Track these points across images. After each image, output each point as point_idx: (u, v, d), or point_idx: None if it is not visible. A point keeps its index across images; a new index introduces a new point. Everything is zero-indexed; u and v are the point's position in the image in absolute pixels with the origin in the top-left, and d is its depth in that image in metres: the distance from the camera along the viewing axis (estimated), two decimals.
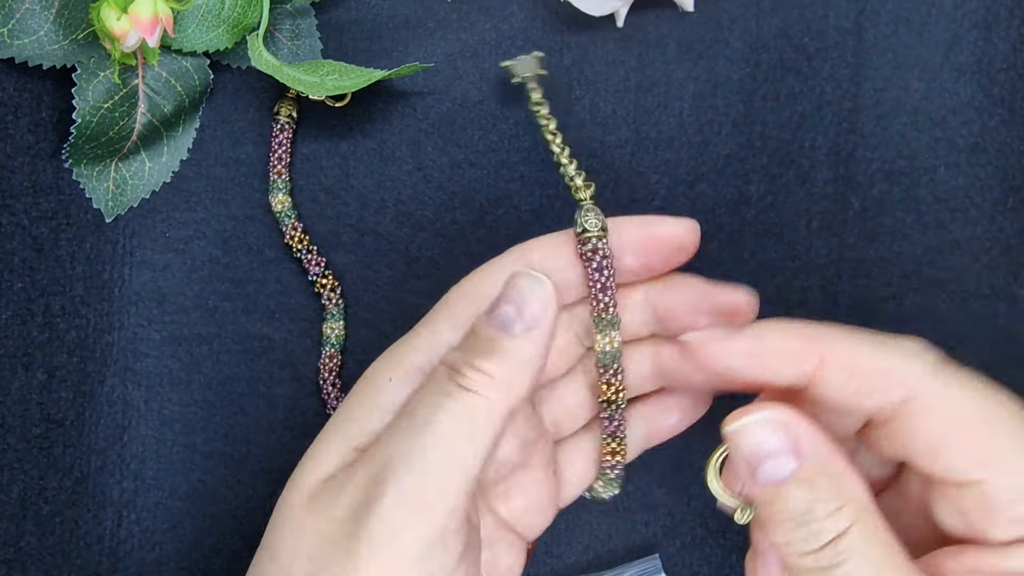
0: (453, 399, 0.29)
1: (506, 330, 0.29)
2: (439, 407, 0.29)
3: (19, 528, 0.40)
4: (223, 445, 0.41)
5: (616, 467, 0.35)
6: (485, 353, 0.29)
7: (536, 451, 0.34)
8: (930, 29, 0.41)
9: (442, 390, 0.29)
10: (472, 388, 0.29)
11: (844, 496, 0.27)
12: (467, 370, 0.29)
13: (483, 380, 0.29)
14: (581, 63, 0.41)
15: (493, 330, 0.30)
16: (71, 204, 0.41)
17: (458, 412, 0.29)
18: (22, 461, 0.41)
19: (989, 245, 0.41)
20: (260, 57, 0.38)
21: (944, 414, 0.27)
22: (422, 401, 0.29)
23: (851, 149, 0.41)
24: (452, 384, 0.29)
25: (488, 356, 0.29)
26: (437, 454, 0.28)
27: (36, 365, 0.41)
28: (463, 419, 0.29)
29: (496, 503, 0.33)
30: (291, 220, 0.41)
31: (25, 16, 0.38)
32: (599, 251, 0.32)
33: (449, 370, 0.29)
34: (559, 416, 0.35)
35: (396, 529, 0.28)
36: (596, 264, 0.32)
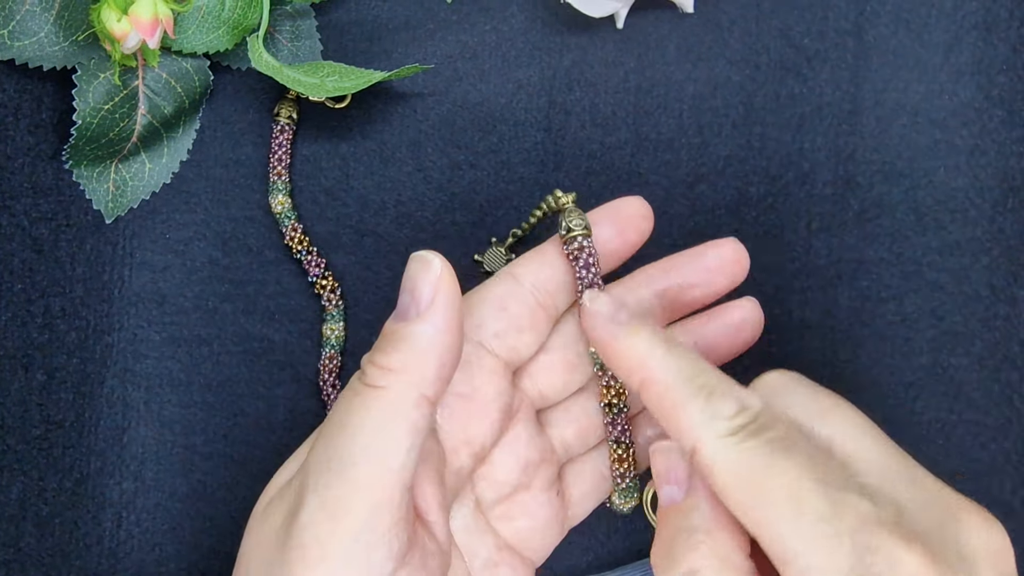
0: (360, 396, 0.29)
1: (404, 318, 0.30)
2: (348, 409, 0.29)
3: (19, 529, 0.40)
4: (223, 446, 0.41)
5: (627, 475, 0.35)
6: (385, 347, 0.29)
7: (539, 473, 0.34)
8: (930, 30, 0.41)
9: (350, 391, 0.29)
10: (374, 383, 0.29)
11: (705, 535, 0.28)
12: (369, 368, 0.29)
13: (383, 374, 0.29)
14: (581, 64, 0.41)
15: (393, 323, 0.30)
16: (71, 205, 0.41)
17: (364, 409, 0.29)
18: (22, 462, 0.41)
19: (989, 246, 0.41)
20: (260, 58, 0.38)
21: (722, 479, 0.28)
22: (336, 407, 0.30)
23: (851, 150, 0.41)
24: (358, 383, 0.29)
25: (386, 349, 0.29)
26: (349, 452, 0.28)
27: (36, 366, 0.41)
28: (369, 415, 0.29)
29: (498, 524, 0.34)
30: (291, 221, 0.41)
31: (25, 18, 0.38)
32: (585, 249, 0.33)
33: (358, 372, 0.30)
34: (569, 438, 0.35)
35: (319, 534, 0.28)
36: (583, 262, 0.33)
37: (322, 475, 0.28)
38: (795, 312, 0.41)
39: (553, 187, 0.41)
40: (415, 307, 0.29)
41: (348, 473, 0.28)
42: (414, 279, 0.30)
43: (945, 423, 0.41)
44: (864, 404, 0.41)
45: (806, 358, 0.41)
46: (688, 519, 0.29)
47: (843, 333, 0.41)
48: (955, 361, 0.41)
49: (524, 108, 0.41)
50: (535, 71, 0.41)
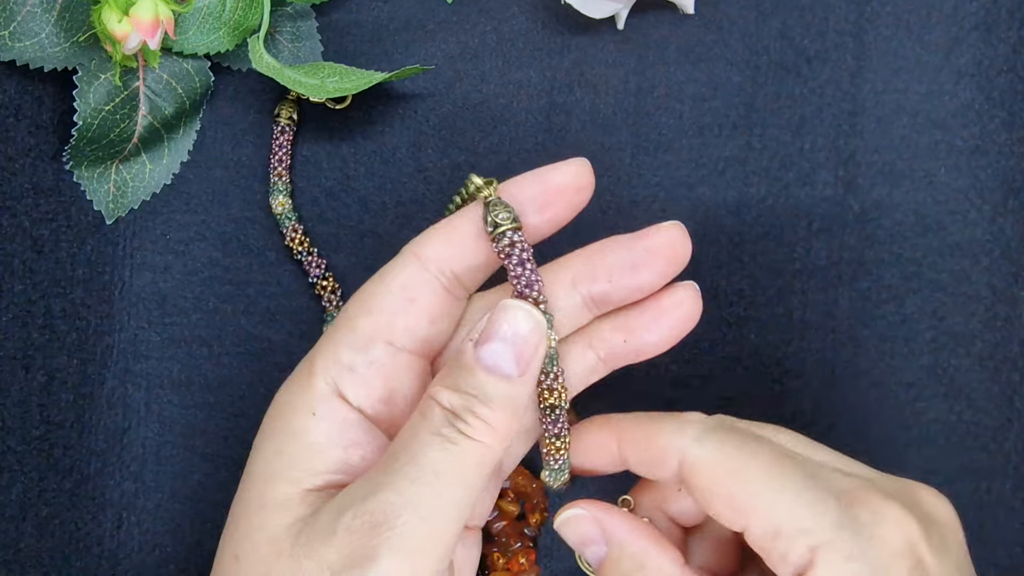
0: (457, 447, 0.28)
1: (498, 371, 0.29)
2: (441, 455, 0.28)
3: (19, 530, 0.40)
4: (223, 447, 0.41)
5: (559, 459, 0.33)
6: (484, 399, 0.29)
7: None
8: (930, 31, 0.41)
9: (442, 435, 0.28)
10: (474, 436, 0.29)
11: (643, 570, 0.31)
12: (469, 417, 0.29)
13: (483, 428, 0.29)
14: (581, 65, 0.41)
15: (487, 372, 0.29)
16: (72, 206, 0.41)
17: (459, 460, 0.28)
18: (22, 463, 0.41)
19: (989, 247, 0.41)
20: (261, 59, 0.38)
21: (706, 474, 0.30)
22: (421, 446, 0.28)
23: (851, 151, 0.41)
24: (453, 431, 0.28)
25: (487, 403, 0.29)
26: (439, 502, 0.28)
27: (36, 367, 0.41)
28: (464, 467, 0.29)
29: None
30: (291, 222, 0.41)
31: (26, 19, 0.38)
32: (517, 244, 0.30)
33: (449, 414, 0.29)
34: None
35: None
36: (516, 259, 0.30)
37: (405, 520, 0.28)
38: (795, 312, 0.41)
39: None
40: (519, 365, 0.29)
41: (432, 522, 0.28)
42: (519, 332, 0.29)
43: (945, 423, 0.41)
44: (864, 404, 0.41)
45: (806, 358, 0.41)
46: (620, 566, 0.31)
47: (843, 334, 0.41)
48: (955, 362, 0.41)
49: (524, 109, 0.41)
50: (535, 72, 0.41)
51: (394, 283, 0.31)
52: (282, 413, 0.31)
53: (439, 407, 0.29)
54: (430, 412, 0.29)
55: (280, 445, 0.30)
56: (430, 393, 0.29)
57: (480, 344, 0.29)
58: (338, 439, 0.30)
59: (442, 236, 0.31)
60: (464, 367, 0.29)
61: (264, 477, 0.30)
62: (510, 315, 0.29)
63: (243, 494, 0.31)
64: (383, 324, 0.31)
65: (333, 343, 0.31)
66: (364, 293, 0.31)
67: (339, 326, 0.31)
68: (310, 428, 0.30)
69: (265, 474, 0.30)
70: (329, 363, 0.30)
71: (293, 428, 0.30)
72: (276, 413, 0.31)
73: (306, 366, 0.31)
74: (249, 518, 0.30)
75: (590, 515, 0.32)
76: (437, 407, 0.29)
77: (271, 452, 0.30)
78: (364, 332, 0.30)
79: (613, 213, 0.41)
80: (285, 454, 0.30)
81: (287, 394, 0.31)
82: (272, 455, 0.30)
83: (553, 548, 0.41)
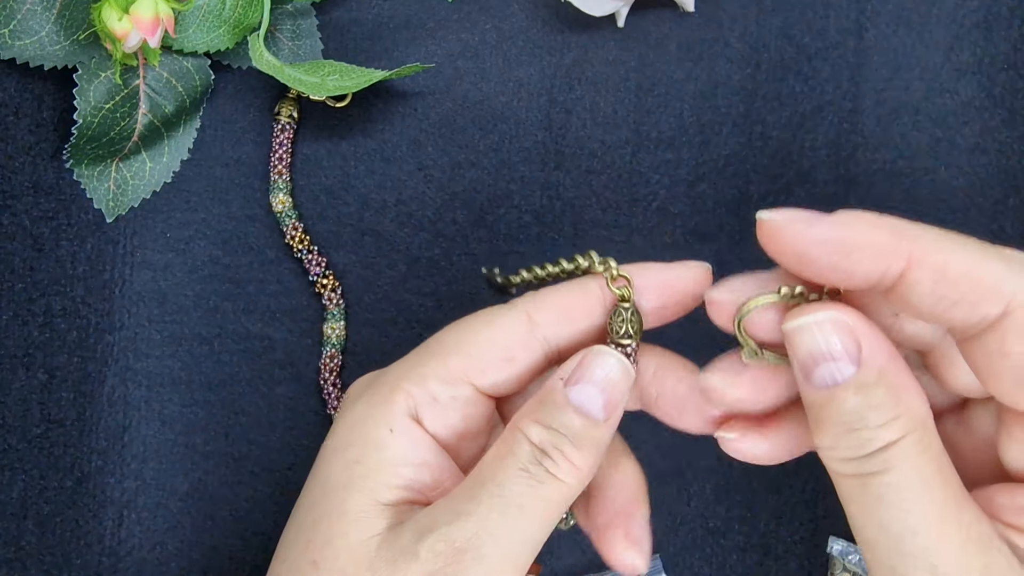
0: (544, 485, 0.29)
1: (587, 414, 0.29)
2: (527, 491, 0.29)
3: (20, 527, 0.40)
4: (223, 445, 0.41)
5: None
6: (573, 439, 0.29)
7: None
8: (931, 29, 0.41)
9: (529, 472, 0.29)
10: (559, 476, 0.29)
11: (900, 407, 0.26)
12: (556, 456, 0.29)
13: (568, 468, 0.29)
14: (582, 63, 0.41)
15: (575, 412, 0.29)
16: (72, 204, 0.41)
17: (543, 498, 0.29)
18: (23, 461, 0.41)
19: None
20: (261, 57, 0.38)
21: None
22: (508, 480, 0.29)
23: (852, 149, 0.41)
24: (540, 469, 0.29)
25: (578, 445, 0.29)
26: (520, 536, 0.29)
27: (37, 365, 0.41)
28: (547, 505, 0.29)
29: None
30: (292, 220, 0.41)
31: (26, 17, 0.38)
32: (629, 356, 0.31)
33: (537, 450, 0.29)
34: None
35: None
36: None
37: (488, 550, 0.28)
38: None
39: (553, 187, 0.41)
40: (606, 410, 0.29)
41: (514, 554, 0.29)
42: (612, 380, 0.30)
43: None
44: None
45: None
46: (871, 397, 0.26)
47: None
48: None
49: (525, 107, 0.41)
50: (536, 70, 0.41)
51: (499, 338, 0.31)
52: (362, 424, 0.31)
53: (528, 442, 0.29)
54: (518, 446, 0.29)
55: (358, 455, 0.30)
56: (519, 426, 0.30)
57: (571, 384, 0.30)
58: (412, 457, 0.30)
59: (560, 309, 0.31)
60: (555, 405, 0.29)
61: (342, 484, 0.30)
62: (604, 361, 0.30)
63: (319, 500, 0.31)
64: (476, 370, 0.31)
65: (422, 372, 0.31)
66: (466, 332, 0.31)
67: (432, 354, 0.31)
68: (388, 443, 0.30)
69: (343, 482, 0.30)
70: (415, 388, 0.31)
71: (372, 440, 0.30)
72: (353, 423, 0.31)
73: (388, 382, 0.31)
74: (330, 525, 0.30)
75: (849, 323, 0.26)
76: (526, 442, 0.29)
77: (350, 460, 0.30)
78: (456, 372, 0.31)
79: (613, 211, 0.41)
80: (363, 464, 0.30)
81: (367, 406, 0.31)
82: (351, 463, 0.30)
83: (554, 546, 0.41)
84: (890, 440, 0.26)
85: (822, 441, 0.27)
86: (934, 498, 0.25)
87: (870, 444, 0.26)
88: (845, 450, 0.26)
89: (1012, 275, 0.25)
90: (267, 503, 0.41)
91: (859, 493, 0.26)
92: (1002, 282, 0.25)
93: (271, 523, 0.41)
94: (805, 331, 0.27)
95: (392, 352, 0.41)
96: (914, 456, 0.26)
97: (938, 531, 0.25)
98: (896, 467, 0.25)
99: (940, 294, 0.25)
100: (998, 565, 0.25)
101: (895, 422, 0.26)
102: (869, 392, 0.26)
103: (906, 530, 0.25)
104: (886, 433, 0.26)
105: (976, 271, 0.25)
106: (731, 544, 0.41)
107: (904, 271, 0.26)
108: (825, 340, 0.26)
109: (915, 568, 0.25)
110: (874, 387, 0.26)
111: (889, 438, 0.26)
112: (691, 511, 0.41)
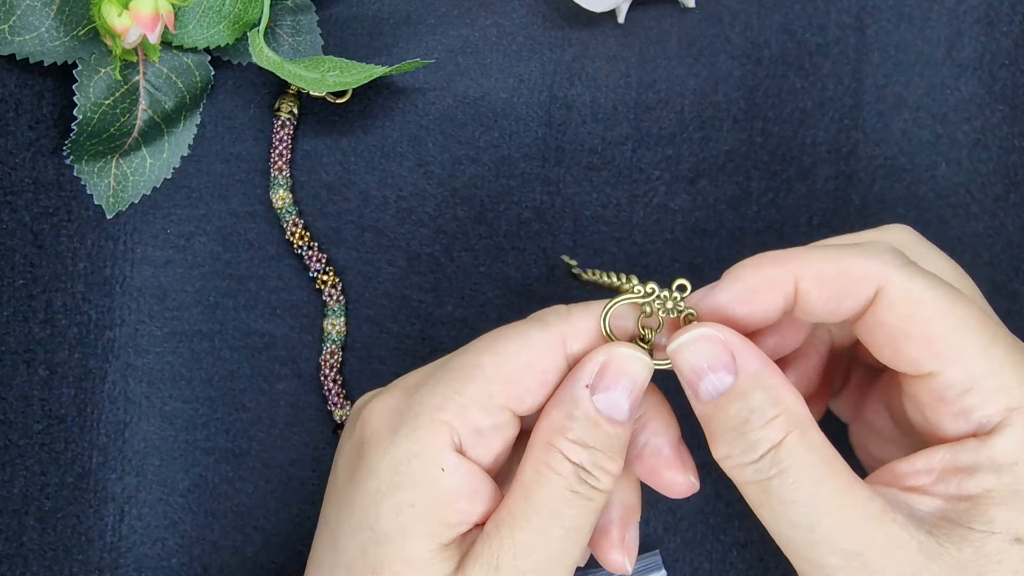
0: (592, 501, 0.30)
1: (614, 420, 0.30)
2: (580, 512, 0.30)
3: (21, 524, 0.41)
4: (224, 441, 0.41)
5: None
6: (609, 453, 0.30)
7: None
8: (931, 25, 0.41)
9: (578, 493, 0.30)
10: (602, 488, 0.30)
11: (779, 407, 0.28)
12: (598, 472, 0.30)
13: (608, 479, 0.30)
14: (582, 59, 0.41)
15: (607, 422, 0.30)
16: (72, 200, 0.41)
17: (593, 512, 0.30)
18: (24, 457, 0.41)
19: (991, 241, 0.41)
20: (261, 53, 0.38)
21: (905, 305, 0.28)
22: (561, 504, 0.30)
23: (852, 145, 0.41)
24: (587, 487, 0.30)
25: (611, 456, 0.30)
26: (578, 551, 0.30)
27: (37, 361, 0.41)
28: (595, 515, 0.30)
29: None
30: (292, 216, 0.41)
31: (26, 13, 0.38)
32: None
33: (579, 469, 0.29)
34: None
35: None
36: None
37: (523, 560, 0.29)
38: None
39: (554, 184, 0.41)
40: (631, 411, 0.30)
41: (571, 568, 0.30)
42: (636, 381, 0.30)
43: None
44: None
45: None
46: (749, 400, 0.28)
47: None
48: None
49: (525, 103, 0.41)
50: (536, 66, 0.41)
51: (536, 363, 0.31)
52: (408, 465, 0.30)
53: (568, 462, 0.30)
54: (560, 466, 0.30)
55: (412, 498, 0.30)
56: (556, 445, 0.30)
57: (599, 392, 0.30)
58: (464, 490, 0.30)
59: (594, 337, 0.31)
60: (589, 420, 0.30)
61: (399, 531, 0.30)
62: (630, 365, 0.30)
63: (372, 548, 0.30)
64: (515, 396, 0.31)
65: (462, 402, 0.30)
66: (503, 355, 0.31)
67: (470, 379, 0.30)
68: (441, 483, 0.30)
69: (398, 528, 0.30)
70: (456, 420, 0.30)
71: (424, 482, 0.30)
72: (397, 464, 0.30)
73: (426, 413, 0.30)
74: (396, 573, 0.30)
75: (721, 337, 0.29)
76: (567, 462, 0.30)
77: (403, 504, 0.30)
78: (497, 400, 0.30)
79: (613, 207, 0.41)
80: (418, 508, 0.30)
81: (410, 443, 0.30)
82: (404, 508, 0.30)
83: None
84: (774, 440, 0.28)
85: (718, 451, 0.29)
86: (828, 488, 0.28)
87: (758, 446, 0.28)
88: (740, 456, 0.29)
89: (877, 261, 0.29)
90: (268, 499, 0.41)
91: (764, 498, 0.28)
92: (867, 270, 0.29)
93: (272, 519, 0.41)
94: (684, 349, 0.29)
95: (392, 348, 0.41)
96: (802, 453, 0.28)
97: (838, 516, 0.28)
98: (788, 467, 0.28)
99: (827, 296, 0.29)
100: (896, 533, 0.27)
101: (776, 420, 0.28)
102: (748, 397, 0.28)
103: (811, 522, 0.28)
104: (770, 432, 0.28)
105: (846, 269, 0.29)
106: (731, 540, 0.41)
107: (796, 289, 0.29)
108: (703, 353, 0.29)
109: (828, 554, 0.28)
110: (751, 392, 0.29)
111: (774, 437, 0.28)
112: (691, 507, 0.41)
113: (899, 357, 0.29)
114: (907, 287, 0.28)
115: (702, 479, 0.41)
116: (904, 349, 0.29)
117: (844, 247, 0.30)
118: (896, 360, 0.29)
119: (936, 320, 0.28)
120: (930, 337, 0.28)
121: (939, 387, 0.28)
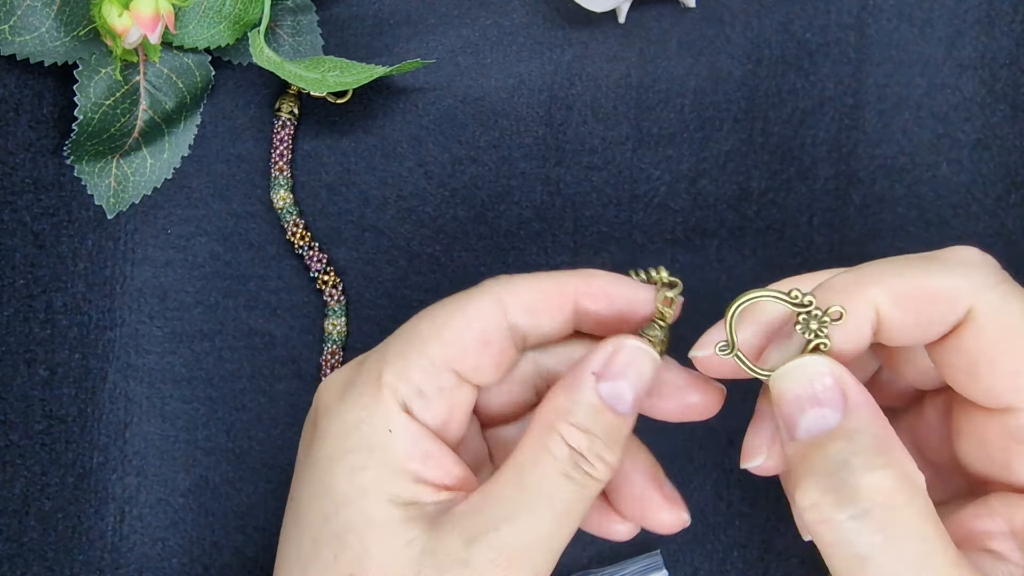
0: (586, 488, 0.29)
1: (616, 410, 0.30)
2: (572, 497, 0.29)
3: (21, 524, 0.41)
4: (225, 441, 0.41)
5: None
6: (608, 442, 0.29)
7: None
8: (932, 25, 0.41)
9: (572, 478, 0.29)
10: (598, 477, 0.29)
11: (888, 457, 0.25)
12: (595, 460, 0.29)
13: (605, 469, 0.29)
14: (582, 59, 0.41)
15: (609, 411, 0.29)
16: (72, 201, 0.41)
17: (586, 499, 0.29)
18: (24, 457, 0.41)
19: (991, 241, 0.41)
20: (261, 53, 0.38)
21: (996, 329, 0.26)
22: (552, 486, 0.29)
23: (853, 145, 0.41)
24: (582, 474, 0.29)
25: (610, 445, 0.29)
26: (566, 536, 0.29)
27: (38, 362, 0.41)
28: (587, 503, 0.30)
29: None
30: (292, 217, 0.41)
31: (26, 13, 0.38)
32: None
33: (576, 454, 0.29)
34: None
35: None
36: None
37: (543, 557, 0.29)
38: None
39: (554, 183, 0.41)
40: (634, 404, 0.30)
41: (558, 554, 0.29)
42: (641, 374, 0.30)
43: None
44: None
45: None
46: (856, 441, 0.25)
47: None
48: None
49: (525, 103, 0.41)
50: (536, 66, 0.41)
51: (474, 322, 0.31)
52: (356, 429, 0.30)
53: (566, 445, 0.29)
54: (557, 449, 0.29)
55: (363, 462, 0.30)
56: (555, 427, 0.29)
57: (604, 380, 0.30)
58: (415, 452, 0.30)
59: (531, 298, 0.31)
60: (591, 407, 0.29)
61: (356, 493, 0.29)
62: (638, 358, 0.30)
63: (333, 513, 0.30)
64: (455, 356, 0.31)
65: (404, 362, 0.30)
66: (441, 318, 0.31)
67: (411, 343, 0.31)
68: (390, 444, 0.30)
69: (355, 491, 0.30)
70: (399, 382, 0.30)
71: (373, 444, 0.30)
72: (346, 429, 0.30)
73: (370, 380, 0.30)
74: (360, 537, 0.29)
75: (834, 372, 0.27)
76: (564, 445, 0.29)
77: (355, 468, 0.30)
78: (437, 359, 0.30)
79: (614, 207, 0.41)
80: (371, 470, 0.30)
81: (357, 408, 0.30)
82: (356, 471, 0.30)
83: None
84: (878, 488, 0.25)
85: (805, 498, 0.26)
86: (936, 563, 0.25)
87: (858, 494, 0.25)
88: (831, 507, 0.25)
89: (967, 280, 0.26)
90: (268, 499, 0.41)
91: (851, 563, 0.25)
92: (956, 291, 0.26)
93: (272, 519, 0.41)
94: (789, 376, 0.27)
95: None
96: (911, 517, 0.25)
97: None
98: (894, 533, 0.24)
99: (914, 320, 0.27)
100: None
101: (882, 470, 0.25)
102: (854, 439, 0.25)
103: None
104: (874, 479, 0.25)
105: (938, 288, 0.26)
106: (731, 541, 0.41)
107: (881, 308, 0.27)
108: (809, 386, 0.26)
109: None
110: (859, 434, 0.25)
111: (874, 484, 0.25)
112: (691, 507, 0.41)
113: (976, 386, 0.26)
114: (1000, 310, 0.26)
115: (701, 480, 0.41)
116: (986, 378, 0.26)
117: (931, 261, 0.27)
118: (972, 389, 0.27)
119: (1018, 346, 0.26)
120: (1020, 369, 0.26)
121: (1018, 425, 0.26)
